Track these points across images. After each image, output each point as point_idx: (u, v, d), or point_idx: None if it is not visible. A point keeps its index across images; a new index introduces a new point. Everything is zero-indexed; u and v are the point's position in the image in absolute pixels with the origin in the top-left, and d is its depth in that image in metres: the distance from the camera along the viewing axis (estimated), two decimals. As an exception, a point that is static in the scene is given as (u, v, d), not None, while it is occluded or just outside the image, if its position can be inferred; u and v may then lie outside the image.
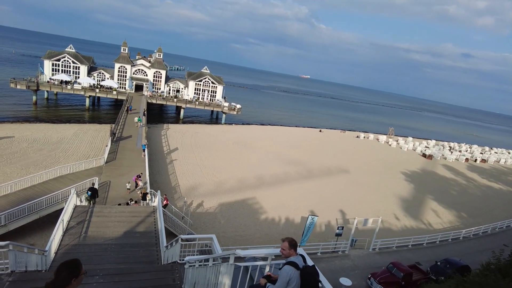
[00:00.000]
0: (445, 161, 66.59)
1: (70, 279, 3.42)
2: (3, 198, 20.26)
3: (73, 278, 3.44)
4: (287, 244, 4.44)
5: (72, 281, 3.43)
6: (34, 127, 42.94)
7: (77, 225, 12.86)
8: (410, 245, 26.11)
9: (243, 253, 4.44)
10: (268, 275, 4.48)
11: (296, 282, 4.20)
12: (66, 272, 3.43)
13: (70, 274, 3.44)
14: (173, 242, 9.29)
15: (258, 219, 27.68)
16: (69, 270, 3.46)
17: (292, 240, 4.47)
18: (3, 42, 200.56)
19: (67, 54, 61.49)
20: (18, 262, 7.69)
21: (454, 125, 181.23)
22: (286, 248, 4.44)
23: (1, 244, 7.03)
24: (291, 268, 4.21)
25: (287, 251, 4.44)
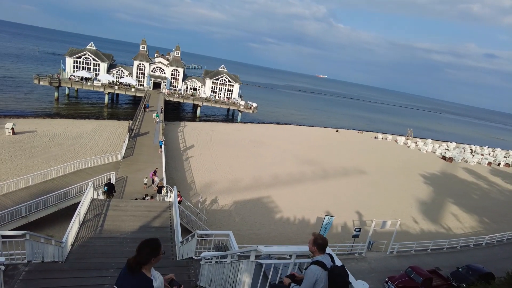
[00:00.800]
0: (466, 164, 64.48)
1: (151, 257, 3.54)
2: (24, 190, 20.74)
3: (153, 257, 3.56)
4: (312, 240, 4.16)
5: (152, 259, 3.56)
6: (55, 122, 44.01)
7: (94, 218, 12.94)
8: (429, 249, 25.27)
9: (266, 250, 4.18)
10: (292, 275, 4.21)
11: (324, 283, 3.91)
12: (149, 249, 3.55)
13: (151, 253, 3.54)
14: (189, 238, 9.14)
15: (273, 218, 27.40)
16: (151, 248, 3.57)
17: (318, 238, 4.18)
18: (28, 41, 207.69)
19: (88, 52, 62.79)
20: (35, 252, 7.71)
21: (476, 127, 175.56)
22: (310, 244, 4.17)
23: (18, 233, 7.05)
24: (318, 268, 3.93)
25: (311, 246, 4.17)
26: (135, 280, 3.51)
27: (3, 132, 35.26)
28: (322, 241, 4.18)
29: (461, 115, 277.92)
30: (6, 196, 19.68)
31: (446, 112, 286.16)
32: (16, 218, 17.54)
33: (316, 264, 3.96)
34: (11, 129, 35.33)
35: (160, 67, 68.85)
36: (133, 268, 3.51)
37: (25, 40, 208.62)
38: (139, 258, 3.54)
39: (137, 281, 3.50)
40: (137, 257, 3.55)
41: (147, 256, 3.55)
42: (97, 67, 63.59)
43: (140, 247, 3.61)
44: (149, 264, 3.58)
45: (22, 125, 38.86)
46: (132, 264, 3.52)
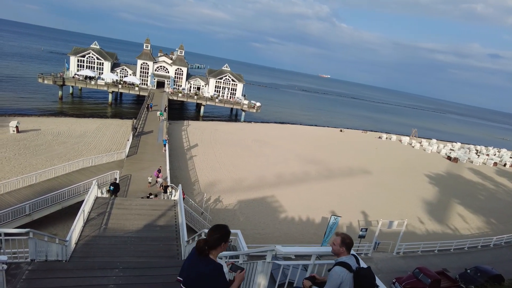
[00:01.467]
0: (472, 164, 63.89)
1: (221, 241, 3.53)
2: (28, 188, 20.62)
3: (223, 242, 3.55)
4: (339, 240, 3.90)
5: (222, 244, 3.55)
6: (59, 121, 44.00)
7: (98, 217, 12.75)
8: (436, 250, 24.92)
9: (285, 251, 3.94)
10: (312, 277, 3.96)
11: (349, 286, 3.67)
12: (219, 234, 3.54)
13: (221, 238, 3.54)
14: (195, 237, 8.92)
15: (277, 217, 27.16)
16: (221, 233, 3.57)
17: (346, 237, 3.94)
18: (33, 40, 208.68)
19: (92, 51, 62.83)
20: (38, 251, 7.51)
21: (481, 127, 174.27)
22: (337, 243, 3.91)
23: (21, 231, 6.87)
24: (343, 269, 3.69)
25: (337, 247, 3.91)
26: (204, 263, 3.46)
27: (7, 130, 35.27)
28: (350, 240, 3.94)
29: (465, 115, 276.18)
30: (10, 194, 19.57)
31: (450, 112, 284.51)
32: (20, 216, 17.42)
33: (341, 266, 3.71)
34: (15, 127, 35.33)
35: (163, 66, 68.80)
36: (202, 251, 3.48)
37: (29, 40, 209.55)
38: (208, 240, 3.52)
39: (206, 264, 3.46)
40: (207, 240, 3.53)
41: (217, 240, 3.52)
42: (101, 66, 63.62)
43: (210, 231, 3.60)
44: (217, 249, 3.54)
45: (27, 124, 38.85)
46: (201, 246, 3.49)
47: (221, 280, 3.46)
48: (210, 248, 3.50)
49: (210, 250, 3.51)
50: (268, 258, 4.17)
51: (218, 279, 3.45)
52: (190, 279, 3.49)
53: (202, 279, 3.42)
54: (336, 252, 3.94)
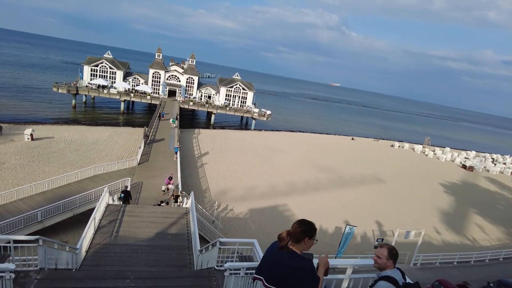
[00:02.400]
0: (488, 173, 62.21)
1: (304, 236, 3.32)
2: (40, 195, 20.67)
3: (307, 237, 3.33)
4: (385, 252, 3.51)
5: (306, 239, 3.32)
6: (72, 129, 44.54)
7: (109, 224, 12.54)
8: (455, 262, 23.94)
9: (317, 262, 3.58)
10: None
11: None
12: (304, 227, 3.34)
13: (306, 232, 3.33)
14: (209, 246, 8.58)
15: (290, 227, 26.45)
16: (307, 227, 3.37)
17: (392, 248, 3.56)
18: (49, 51, 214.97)
19: (105, 60, 63.87)
20: (48, 258, 7.28)
21: (496, 135, 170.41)
22: (383, 256, 3.52)
23: (30, 238, 6.64)
24: (390, 285, 3.30)
25: (383, 260, 3.52)
26: (291, 258, 3.19)
27: (22, 138, 35.80)
28: (397, 252, 3.56)
29: (480, 123, 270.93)
30: (22, 200, 19.63)
31: (463, 120, 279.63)
32: (32, 223, 17.37)
33: (387, 280, 3.33)
34: (30, 135, 35.83)
35: (175, 75, 69.43)
36: (285, 244, 3.25)
37: (47, 51, 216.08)
38: (292, 232, 3.31)
39: (294, 259, 3.19)
40: (290, 232, 3.33)
41: (302, 233, 3.30)
42: (113, 75, 64.54)
43: (295, 224, 3.40)
44: (301, 244, 3.29)
45: (41, 131, 39.40)
46: (284, 238, 3.27)
47: (313, 276, 3.18)
48: (294, 241, 3.26)
49: (293, 244, 3.27)
50: None
51: (310, 275, 3.16)
52: (276, 276, 3.20)
53: (293, 276, 3.12)
54: (382, 266, 3.55)
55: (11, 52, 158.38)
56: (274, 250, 3.37)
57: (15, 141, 35.14)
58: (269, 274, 3.24)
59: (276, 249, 3.34)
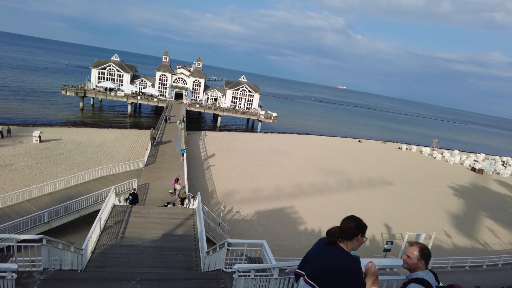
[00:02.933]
0: (498, 176, 61.13)
1: (357, 232, 3.15)
2: (47, 196, 20.68)
3: (360, 234, 3.17)
4: (416, 252, 3.25)
5: (358, 236, 3.17)
6: (79, 131, 44.80)
7: (115, 225, 12.40)
8: (467, 266, 23.35)
9: None
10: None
11: None
12: (355, 223, 3.19)
13: (357, 228, 3.16)
14: (217, 247, 8.36)
15: (297, 229, 26.27)
16: (359, 223, 3.20)
17: (425, 247, 3.31)
18: (58, 55, 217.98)
19: (112, 63, 64.32)
20: (52, 259, 7.12)
21: (505, 138, 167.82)
22: (414, 256, 3.25)
23: (34, 237, 6.49)
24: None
25: (413, 260, 3.25)
26: (339, 255, 3.01)
27: (30, 139, 36.07)
28: (429, 252, 3.30)
29: (488, 126, 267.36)
30: (30, 201, 19.66)
31: (471, 122, 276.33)
32: (39, 223, 17.35)
33: (418, 283, 3.09)
34: (38, 137, 36.08)
35: (182, 78, 69.63)
36: (335, 240, 3.08)
37: (56, 55, 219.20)
38: (342, 228, 3.13)
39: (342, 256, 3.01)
40: (341, 227, 3.15)
41: (353, 229, 3.12)
42: (120, 77, 64.94)
43: (345, 220, 3.25)
44: (353, 240, 3.12)
45: (49, 133, 39.68)
46: (335, 233, 3.10)
47: (358, 276, 2.97)
48: (345, 237, 3.08)
49: (343, 240, 3.10)
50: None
51: (355, 274, 2.96)
52: (318, 271, 3.02)
53: (337, 272, 2.94)
54: (412, 266, 3.29)
55: (21, 56, 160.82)
56: (320, 245, 3.20)
57: (24, 142, 35.41)
58: (311, 269, 3.07)
59: (322, 245, 3.18)
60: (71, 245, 8.23)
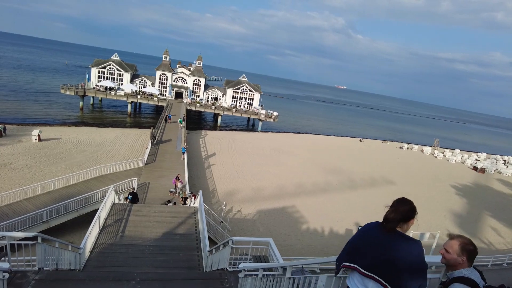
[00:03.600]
0: (500, 175, 60.73)
1: (412, 215, 2.91)
2: (46, 195, 20.39)
3: (412, 217, 2.91)
4: (456, 246, 2.91)
5: (412, 220, 2.93)
6: (79, 130, 44.52)
7: (114, 223, 12.10)
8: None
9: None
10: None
11: None
12: (409, 207, 2.91)
13: (411, 211, 2.89)
14: (220, 246, 8.05)
15: (299, 229, 25.96)
16: (411, 206, 2.92)
17: (468, 242, 2.97)
18: (59, 55, 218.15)
19: (112, 62, 64.05)
20: (48, 258, 6.80)
21: (506, 138, 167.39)
22: (453, 251, 2.92)
23: (28, 235, 6.18)
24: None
25: (453, 256, 2.90)
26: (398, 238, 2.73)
27: (30, 139, 35.79)
28: (474, 247, 2.97)
29: (489, 125, 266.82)
30: (28, 200, 19.36)
31: (472, 122, 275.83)
32: (37, 223, 17.06)
33: (463, 283, 2.78)
34: (37, 135, 35.80)
35: (182, 77, 69.34)
36: (394, 225, 2.80)
37: (57, 55, 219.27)
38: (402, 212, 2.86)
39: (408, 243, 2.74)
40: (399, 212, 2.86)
41: (411, 212, 2.88)
42: (120, 77, 64.66)
43: (397, 203, 2.96)
44: (408, 224, 2.89)
45: (48, 133, 39.39)
46: (394, 217, 2.83)
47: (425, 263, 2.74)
48: (403, 221, 2.83)
49: (400, 224, 2.84)
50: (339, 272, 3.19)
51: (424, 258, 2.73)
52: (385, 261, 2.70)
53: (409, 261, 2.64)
54: (451, 262, 2.96)
55: (22, 56, 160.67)
56: (376, 233, 2.88)
57: (23, 141, 35.12)
58: (371, 260, 2.75)
59: (378, 232, 2.86)
60: (68, 244, 7.93)
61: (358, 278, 2.83)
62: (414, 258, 2.67)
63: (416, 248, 2.72)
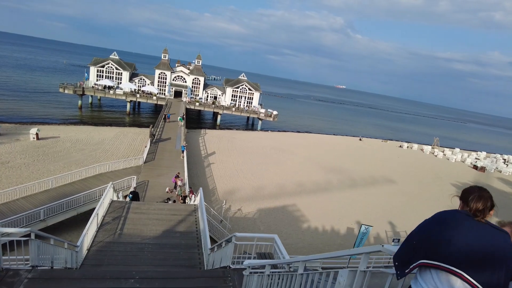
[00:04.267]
0: (501, 174, 60.58)
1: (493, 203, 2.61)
2: (43, 193, 20.07)
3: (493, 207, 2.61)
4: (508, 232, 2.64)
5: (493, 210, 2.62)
6: (78, 129, 44.16)
7: (113, 221, 11.78)
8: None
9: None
10: None
11: None
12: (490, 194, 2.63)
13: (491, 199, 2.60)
14: (223, 243, 7.75)
15: (300, 227, 25.68)
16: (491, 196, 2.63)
17: None
18: (59, 55, 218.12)
19: (111, 61, 63.65)
20: (42, 256, 6.48)
21: (505, 137, 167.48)
22: None
23: (20, 231, 5.86)
24: None
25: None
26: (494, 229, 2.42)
27: (28, 137, 35.44)
28: None
29: (488, 125, 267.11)
30: (25, 199, 19.04)
31: (471, 122, 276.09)
32: (34, 221, 16.74)
33: None
34: (35, 134, 35.45)
35: (181, 76, 68.99)
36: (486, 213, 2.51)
37: (56, 55, 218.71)
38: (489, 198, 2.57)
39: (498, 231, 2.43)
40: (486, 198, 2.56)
41: (492, 200, 2.60)
42: (119, 76, 64.27)
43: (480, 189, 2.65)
44: (488, 214, 2.57)
45: (47, 131, 39.04)
46: (485, 208, 2.52)
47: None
48: (491, 209, 2.54)
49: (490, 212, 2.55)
50: (363, 266, 2.88)
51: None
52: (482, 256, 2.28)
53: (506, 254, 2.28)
54: None
55: (21, 55, 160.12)
56: (465, 222, 2.47)
57: (21, 140, 34.77)
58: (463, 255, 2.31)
59: (467, 222, 2.48)
60: (64, 241, 7.61)
61: (439, 277, 2.39)
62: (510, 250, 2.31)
63: (509, 239, 2.39)
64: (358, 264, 3.02)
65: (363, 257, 2.93)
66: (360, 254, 2.99)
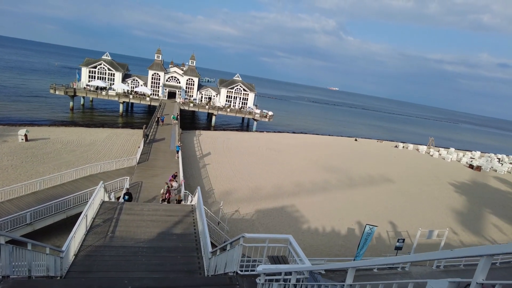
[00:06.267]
0: (496, 173, 60.65)
1: None
2: (31, 196, 18.98)
3: None
4: None
5: None
6: (69, 130, 42.91)
7: (103, 223, 10.85)
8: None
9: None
10: None
11: None
12: None
13: None
14: (228, 245, 6.91)
15: (299, 228, 24.89)
16: None
17: None
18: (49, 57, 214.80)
19: (103, 62, 62.38)
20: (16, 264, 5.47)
21: (496, 137, 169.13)
22: None
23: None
24: None
25: None
26: None
27: (16, 139, 34.18)
28: None
29: (479, 125, 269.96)
30: (11, 201, 17.93)
31: (462, 122, 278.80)
32: (20, 225, 15.69)
33: None
34: (24, 135, 34.20)
35: (175, 77, 67.93)
36: None
37: (48, 57, 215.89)
38: None
39: None
40: None
41: None
42: (112, 76, 63.02)
43: None
44: None
45: (36, 133, 37.78)
46: None
47: None
48: None
49: None
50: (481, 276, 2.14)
51: None
52: None
53: None
54: None
55: (11, 58, 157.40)
56: None
57: (8, 141, 33.50)
58: None
59: None
60: (45, 246, 6.62)
61: None
62: None
63: None
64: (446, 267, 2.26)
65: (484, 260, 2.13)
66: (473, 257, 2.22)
